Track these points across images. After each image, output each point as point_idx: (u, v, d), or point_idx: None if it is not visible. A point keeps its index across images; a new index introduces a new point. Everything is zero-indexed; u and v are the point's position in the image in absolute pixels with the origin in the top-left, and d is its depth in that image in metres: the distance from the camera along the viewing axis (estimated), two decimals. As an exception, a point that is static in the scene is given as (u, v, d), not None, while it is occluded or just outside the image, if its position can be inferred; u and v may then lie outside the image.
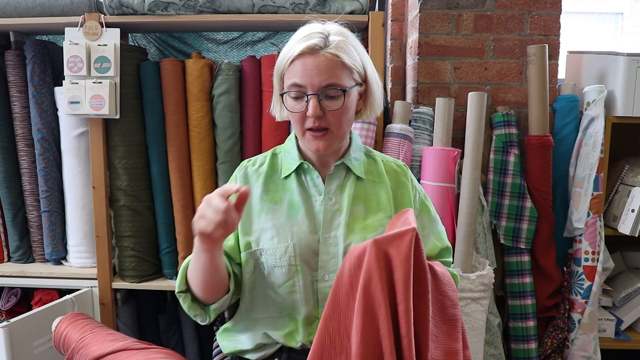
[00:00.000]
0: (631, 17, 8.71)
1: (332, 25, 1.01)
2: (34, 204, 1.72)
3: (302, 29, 1.01)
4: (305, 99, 0.98)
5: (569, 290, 1.66)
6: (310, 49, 0.96)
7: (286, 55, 0.99)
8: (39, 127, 1.65)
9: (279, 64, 1.02)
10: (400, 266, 0.82)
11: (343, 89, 0.98)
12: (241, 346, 1.09)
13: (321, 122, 0.99)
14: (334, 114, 0.99)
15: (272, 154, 1.14)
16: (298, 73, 0.97)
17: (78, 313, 1.46)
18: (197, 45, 1.89)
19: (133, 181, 1.61)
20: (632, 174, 1.73)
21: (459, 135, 1.73)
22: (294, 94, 0.99)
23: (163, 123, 1.61)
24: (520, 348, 1.63)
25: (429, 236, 1.12)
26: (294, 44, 0.99)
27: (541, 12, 1.73)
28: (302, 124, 1.01)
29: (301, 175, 1.09)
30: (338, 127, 1.01)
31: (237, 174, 1.12)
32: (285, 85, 1.01)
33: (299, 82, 0.98)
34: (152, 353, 1.24)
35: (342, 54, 0.98)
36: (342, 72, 0.98)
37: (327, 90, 0.97)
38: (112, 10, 1.55)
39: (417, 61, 1.78)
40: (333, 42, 0.97)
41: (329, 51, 0.97)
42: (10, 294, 1.73)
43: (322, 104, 0.98)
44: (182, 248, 1.63)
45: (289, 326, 1.04)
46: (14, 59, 1.65)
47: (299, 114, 1.00)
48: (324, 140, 1.01)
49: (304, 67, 0.97)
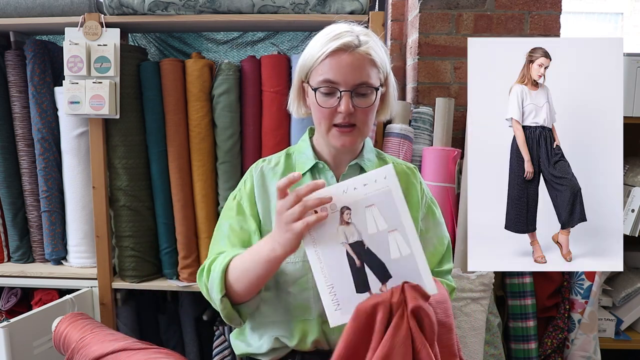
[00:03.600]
0: (631, 17, 8.72)
1: (358, 27, 1.03)
2: (34, 204, 1.72)
3: (328, 28, 1.02)
4: (337, 94, 0.99)
5: (569, 290, 1.66)
6: (346, 46, 0.97)
7: (317, 51, 0.99)
8: (39, 127, 1.65)
9: (306, 61, 1.02)
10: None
11: (375, 87, 1.00)
12: (253, 349, 1.09)
13: (350, 119, 1.00)
14: (364, 111, 1.01)
15: (286, 154, 1.14)
16: (332, 69, 0.98)
17: (78, 313, 1.46)
18: (197, 45, 1.89)
19: (133, 181, 1.61)
20: (632, 174, 1.73)
21: (459, 135, 1.73)
22: (325, 89, 1.00)
23: (163, 123, 1.61)
24: (520, 348, 1.63)
25: (432, 239, 1.13)
26: (324, 41, 0.99)
27: (541, 12, 1.73)
28: (330, 119, 1.02)
29: (316, 175, 1.09)
30: (364, 124, 1.03)
31: (253, 172, 1.12)
32: (314, 81, 1.01)
33: (332, 79, 0.98)
34: (152, 353, 1.24)
35: (374, 53, 1.00)
36: (373, 71, 1.00)
37: (359, 88, 0.99)
38: (112, 10, 1.55)
39: (417, 61, 1.78)
40: (365, 41, 0.99)
41: (363, 49, 0.98)
42: (10, 294, 1.73)
43: (353, 100, 0.99)
44: (182, 248, 1.63)
45: (300, 330, 1.04)
46: (14, 59, 1.65)
47: (328, 110, 1.00)
48: (350, 136, 1.02)
49: (338, 64, 0.98)
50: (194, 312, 1.75)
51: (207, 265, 1.06)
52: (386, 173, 0.87)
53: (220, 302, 1.01)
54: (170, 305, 1.78)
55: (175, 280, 1.66)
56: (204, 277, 1.06)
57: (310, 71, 1.02)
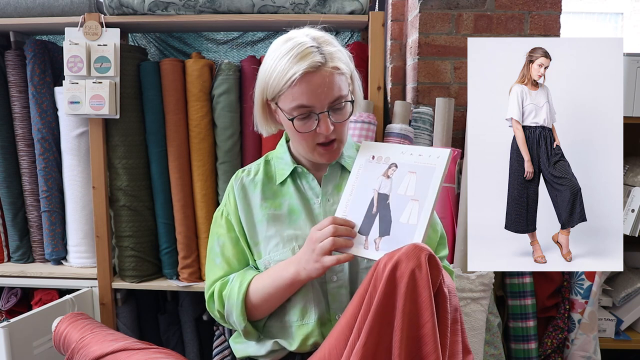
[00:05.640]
0: (631, 17, 8.72)
1: (314, 32, 0.99)
2: (34, 204, 1.72)
3: (288, 42, 0.96)
4: (314, 117, 0.97)
5: (569, 290, 1.66)
6: (314, 68, 0.93)
7: (284, 75, 0.94)
8: (39, 127, 1.65)
9: (271, 81, 0.97)
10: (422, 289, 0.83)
11: (349, 100, 0.99)
12: (252, 352, 1.09)
13: (331, 135, 1.00)
14: (342, 124, 1.00)
15: (265, 161, 1.14)
16: (304, 94, 0.94)
17: (78, 313, 1.46)
18: (197, 45, 1.89)
19: (133, 181, 1.61)
20: (632, 174, 1.73)
21: (459, 135, 1.73)
22: (302, 115, 0.97)
23: (163, 123, 1.61)
24: (520, 348, 1.63)
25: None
26: (289, 63, 0.94)
27: (541, 12, 1.73)
28: (311, 141, 1.00)
29: (297, 180, 1.09)
30: (343, 134, 1.03)
31: (234, 184, 1.11)
32: (286, 107, 0.97)
33: (306, 104, 0.95)
34: (152, 353, 1.24)
35: (340, 63, 0.97)
36: (342, 82, 0.98)
37: (334, 104, 0.97)
38: (112, 10, 1.55)
39: (417, 61, 1.78)
40: (329, 53, 0.96)
41: (330, 65, 0.95)
42: (10, 294, 1.73)
43: (331, 118, 0.98)
44: (182, 248, 1.63)
45: (300, 335, 1.03)
46: (14, 59, 1.65)
47: (308, 134, 0.99)
48: (335, 151, 1.03)
49: (310, 87, 0.94)
50: (194, 312, 1.75)
51: (216, 292, 1.07)
52: (440, 154, 0.95)
53: (243, 328, 1.04)
54: (170, 305, 1.78)
55: (175, 280, 1.66)
56: (217, 304, 1.07)
57: (278, 95, 0.98)
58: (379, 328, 0.82)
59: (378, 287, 0.84)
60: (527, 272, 1.63)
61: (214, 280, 1.09)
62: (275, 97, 0.99)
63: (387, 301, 0.82)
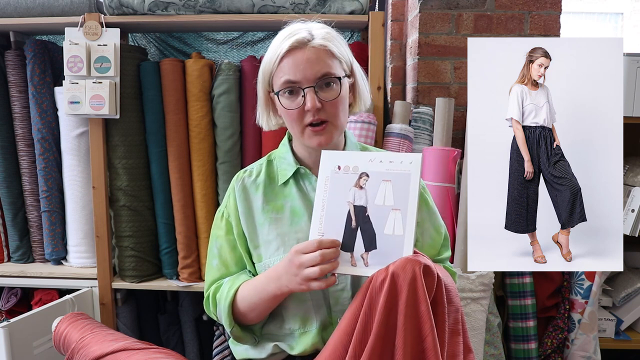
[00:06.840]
0: (631, 17, 8.72)
1: (313, 23, 1.02)
2: (34, 204, 1.72)
3: (283, 30, 1.00)
4: (301, 93, 0.97)
5: (569, 290, 1.66)
6: (299, 43, 0.96)
7: (273, 55, 0.98)
8: (39, 127, 1.65)
9: (265, 67, 1.01)
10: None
11: (337, 77, 0.99)
12: (253, 354, 1.09)
13: (320, 115, 0.98)
14: (332, 104, 0.98)
15: (268, 161, 1.12)
16: (290, 69, 0.96)
17: (78, 313, 1.46)
18: (197, 45, 1.89)
19: (133, 181, 1.61)
20: (632, 174, 1.73)
21: (459, 135, 1.73)
22: (288, 91, 0.98)
23: (163, 123, 1.61)
24: (520, 348, 1.63)
25: (429, 229, 1.11)
26: (278, 43, 0.98)
27: (541, 12, 1.73)
28: (300, 120, 0.99)
29: (299, 181, 1.08)
30: (336, 117, 1.00)
31: (235, 185, 1.10)
32: (276, 85, 1.00)
33: (292, 78, 0.97)
34: (152, 353, 1.24)
35: (330, 44, 0.98)
36: (333, 62, 0.98)
37: (322, 80, 0.97)
38: (112, 10, 1.55)
39: (417, 61, 1.78)
40: (319, 35, 0.98)
41: (317, 42, 0.97)
42: (10, 294, 1.73)
43: (319, 95, 0.97)
44: (182, 248, 1.63)
45: (303, 341, 1.03)
46: (14, 59, 1.65)
47: (296, 111, 0.98)
48: (324, 134, 1.00)
49: (295, 62, 0.96)
50: (194, 312, 1.75)
51: (211, 295, 1.08)
52: (413, 159, 0.93)
53: (231, 332, 1.05)
54: (170, 305, 1.78)
55: (175, 280, 1.66)
56: (211, 307, 1.09)
57: (271, 78, 1.00)
58: (382, 344, 0.83)
59: (375, 305, 0.84)
60: (527, 272, 1.63)
61: (211, 282, 1.09)
62: (271, 83, 1.01)
63: (387, 319, 0.83)
